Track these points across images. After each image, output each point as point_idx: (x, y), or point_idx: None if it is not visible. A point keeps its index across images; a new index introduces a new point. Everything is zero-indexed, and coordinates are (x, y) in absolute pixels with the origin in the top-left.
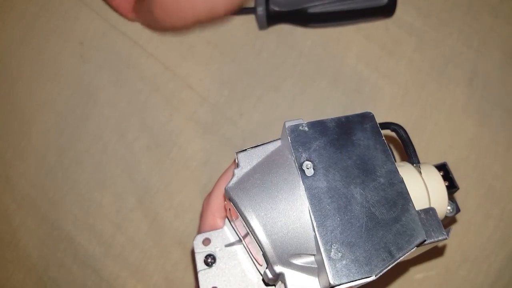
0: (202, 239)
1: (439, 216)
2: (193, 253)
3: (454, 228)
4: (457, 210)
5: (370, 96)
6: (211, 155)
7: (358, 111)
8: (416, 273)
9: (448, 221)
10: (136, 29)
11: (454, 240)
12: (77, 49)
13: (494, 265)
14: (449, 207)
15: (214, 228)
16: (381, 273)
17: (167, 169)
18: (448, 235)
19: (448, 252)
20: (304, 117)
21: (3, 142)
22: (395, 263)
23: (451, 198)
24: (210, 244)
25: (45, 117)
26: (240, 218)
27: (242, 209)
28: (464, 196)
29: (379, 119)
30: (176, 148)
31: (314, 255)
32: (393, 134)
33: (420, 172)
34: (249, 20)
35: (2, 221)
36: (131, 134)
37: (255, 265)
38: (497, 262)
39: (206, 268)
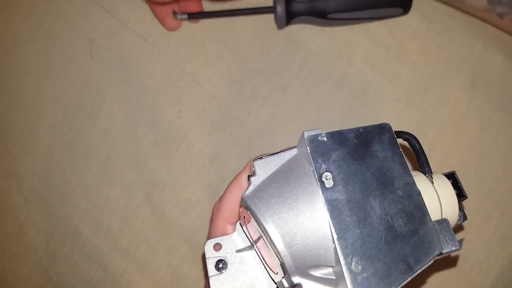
0: (213, 244)
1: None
2: (204, 258)
3: (454, 229)
4: (464, 218)
5: (375, 98)
6: (219, 152)
7: (363, 113)
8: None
9: (455, 229)
10: (147, 27)
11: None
12: (86, 46)
13: (494, 265)
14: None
15: (225, 233)
16: (400, 286)
17: (175, 165)
18: (461, 246)
19: None
20: (310, 118)
21: (11, 137)
22: (414, 275)
23: (459, 207)
24: (221, 250)
25: (54, 112)
26: (253, 222)
27: (261, 218)
28: None
29: (383, 121)
30: (184, 145)
31: (333, 266)
32: (405, 143)
33: (432, 182)
34: (259, 20)
35: (9, 215)
36: (140, 130)
37: (267, 271)
38: (497, 263)
39: (218, 274)
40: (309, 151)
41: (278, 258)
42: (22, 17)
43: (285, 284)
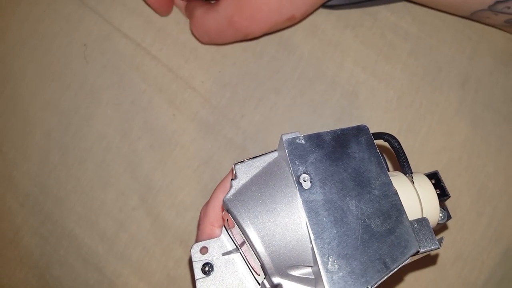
0: (199, 248)
1: (431, 225)
2: (190, 262)
3: (447, 225)
4: (448, 217)
5: (367, 99)
6: (213, 155)
7: (355, 114)
8: (410, 270)
9: (440, 228)
10: (140, 31)
11: (448, 238)
12: (80, 50)
13: (487, 262)
14: (440, 215)
15: (212, 236)
16: (376, 284)
17: (170, 168)
18: (440, 244)
19: (441, 250)
20: (303, 119)
21: (7, 141)
22: (390, 274)
23: (442, 206)
24: (208, 253)
25: (49, 116)
26: (236, 227)
27: (240, 221)
28: (457, 195)
29: (375, 122)
30: (179, 147)
31: (311, 266)
32: (387, 144)
33: (413, 182)
34: None
35: (5, 219)
36: (135, 133)
37: (252, 274)
38: (490, 259)
39: (204, 277)
40: (287, 154)
41: (258, 259)
42: (17, 23)
43: (267, 285)
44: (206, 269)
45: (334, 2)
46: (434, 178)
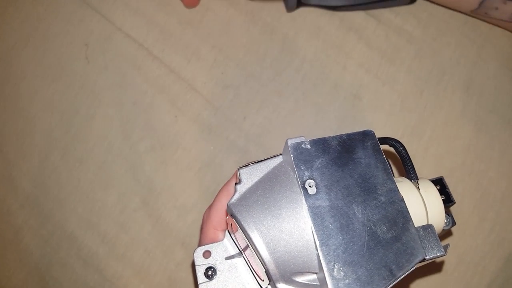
0: (202, 252)
1: (436, 231)
2: (193, 266)
3: (450, 229)
4: (453, 223)
5: (370, 102)
6: (215, 157)
7: (359, 117)
8: (413, 274)
9: (444, 234)
10: (142, 31)
11: (451, 242)
12: (82, 50)
13: (489, 266)
14: (445, 221)
15: (215, 240)
16: None
17: (171, 170)
18: (446, 251)
19: None
20: (306, 122)
21: (7, 141)
22: (396, 281)
23: (447, 212)
24: (211, 257)
25: (49, 117)
26: (240, 231)
27: (245, 226)
28: (460, 200)
29: (379, 125)
30: (181, 149)
31: (316, 273)
32: (392, 149)
33: (418, 188)
34: (254, 25)
35: (4, 220)
36: (136, 134)
37: (255, 278)
38: (492, 264)
39: (207, 281)
40: (292, 159)
41: (263, 265)
42: (18, 22)
43: None
44: (209, 273)
45: (339, 2)
46: (439, 184)
